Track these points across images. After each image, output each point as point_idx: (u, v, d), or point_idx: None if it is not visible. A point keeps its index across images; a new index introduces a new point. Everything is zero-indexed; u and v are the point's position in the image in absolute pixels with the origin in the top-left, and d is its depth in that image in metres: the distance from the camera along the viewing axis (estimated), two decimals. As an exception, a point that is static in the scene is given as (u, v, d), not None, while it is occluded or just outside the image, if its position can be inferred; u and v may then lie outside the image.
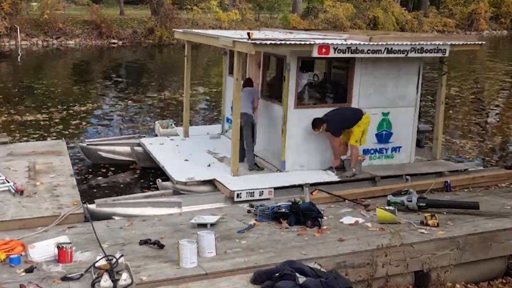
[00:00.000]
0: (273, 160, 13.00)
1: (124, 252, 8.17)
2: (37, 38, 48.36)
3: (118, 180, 14.33)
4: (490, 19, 78.51)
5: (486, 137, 20.23)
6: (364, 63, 12.70)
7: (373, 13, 64.58)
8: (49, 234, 9.09)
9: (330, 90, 13.44)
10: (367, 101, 12.90)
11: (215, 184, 11.91)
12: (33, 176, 11.96)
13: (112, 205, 10.94)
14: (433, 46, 12.51)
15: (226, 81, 15.87)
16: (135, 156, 14.78)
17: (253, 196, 11.30)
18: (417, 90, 13.32)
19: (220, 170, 12.55)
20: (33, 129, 19.36)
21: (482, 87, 33.13)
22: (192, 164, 13.02)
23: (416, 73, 13.23)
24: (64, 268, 7.75)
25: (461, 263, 9.22)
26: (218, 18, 56.17)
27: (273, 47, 11.48)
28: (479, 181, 12.62)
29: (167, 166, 12.84)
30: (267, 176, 12.31)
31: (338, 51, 11.70)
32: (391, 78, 13.02)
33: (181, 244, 7.86)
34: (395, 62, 12.87)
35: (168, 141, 15.08)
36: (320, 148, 12.69)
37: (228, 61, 15.59)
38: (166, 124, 16.12)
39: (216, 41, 12.92)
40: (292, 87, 12.20)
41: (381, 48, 12.04)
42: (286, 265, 7.54)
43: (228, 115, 15.39)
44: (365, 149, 13.07)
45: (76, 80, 31.09)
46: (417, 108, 13.44)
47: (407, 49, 12.26)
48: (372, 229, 9.54)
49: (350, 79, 12.81)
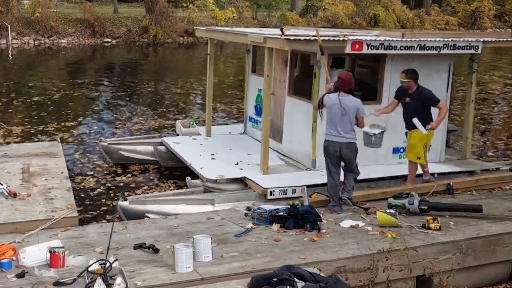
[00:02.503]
0: (302, 158, 13.11)
1: (118, 256, 8.17)
2: (29, 37, 48.44)
3: (140, 180, 14.45)
4: (494, 17, 78.67)
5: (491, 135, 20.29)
6: (394, 60, 12.80)
7: (374, 11, 64.68)
8: (41, 238, 9.09)
9: (357, 88, 13.52)
10: None
11: (246, 182, 12.03)
12: (27, 179, 11.95)
13: (144, 203, 11.02)
14: (466, 43, 12.57)
15: (249, 79, 15.93)
16: (158, 155, 14.91)
17: (286, 194, 11.37)
18: (448, 88, 13.43)
19: (249, 168, 12.67)
20: (26, 130, 19.36)
21: (487, 88, 33.13)
22: (219, 163, 13.13)
23: (447, 71, 13.35)
24: (57, 273, 7.74)
25: (464, 267, 9.22)
26: (214, 16, 56.28)
27: (307, 43, 11.54)
28: (482, 183, 12.63)
29: (195, 164, 12.92)
30: (298, 174, 12.42)
31: (371, 47, 11.75)
32: (422, 76, 13.02)
33: (176, 248, 7.86)
34: (426, 60, 12.96)
35: (191, 140, 15.19)
36: None
37: (251, 59, 15.68)
38: (188, 123, 16.25)
39: (244, 37, 12.99)
40: (323, 85, 12.28)
41: (414, 44, 12.09)
42: (285, 269, 7.54)
43: (251, 114, 15.57)
44: (395, 148, 13.20)
45: (68, 80, 31.09)
46: (448, 107, 13.49)
47: (440, 46, 12.32)
48: (373, 232, 9.55)
49: (380, 77, 12.94)
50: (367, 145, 12.08)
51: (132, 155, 15.19)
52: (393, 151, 13.35)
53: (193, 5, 56.17)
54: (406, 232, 9.52)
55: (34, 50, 45.41)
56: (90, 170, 15.20)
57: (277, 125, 14.13)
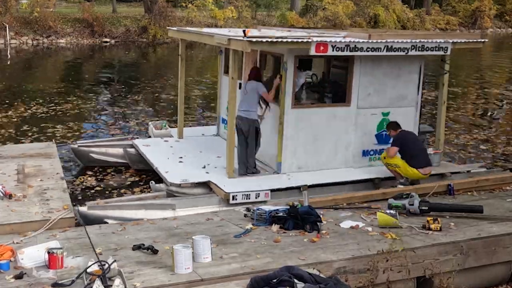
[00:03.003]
0: (269, 161, 13.01)
1: (116, 257, 8.16)
2: (27, 37, 48.38)
3: (110, 183, 14.28)
4: (495, 17, 78.75)
5: (491, 139, 20.27)
6: (363, 62, 12.70)
7: (374, 11, 64.68)
8: (39, 239, 9.09)
9: (328, 90, 13.46)
10: (367, 101, 12.93)
11: (210, 186, 11.91)
12: (22, 179, 11.94)
13: (104, 208, 10.92)
14: (434, 44, 12.51)
15: (221, 80, 15.86)
16: (128, 158, 14.75)
17: (249, 199, 11.30)
18: (418, 89, 13.34)
19: (215, 172, 12.55)
20: (22, 131, 19.35)
21: (486, 88, 33.15)
22: (186, 166, 13.02)
23: (417, 72, 13.25)
24: (55, 274, 7.73)
25: (465, 268, 9.22)
26: (213, 16, 56.27)
27: (269, 45, 11.46)
28: (483, 184, 12.61)
29: (161, 168, 12.82)
30: (263, 178, 12.30)
31: (336, 49, 11.69)
32: (391, 78, 13.04)
33: (175, 249, 7.85)
34: (395, 61, 12.88)
35: (162, 143, 15.06)
36: (317, 149, 12.71)
37: (223, 60, 15.57)
38: (160, 125, 16.07)
39: (211, 39, 12.92)
40: (289, 87, 12.22)
41: (381, 46, 12.02)
42: (284, 270, 7.54)
43: (224, 115, 15.38)
44: (365, 150, 13.14)
45: (66, 80, 31.09)
46: (418, 108, 13.45)
47: (407, 47, 12.26)
48: (373, 233, 9.54)
49: (349, 79, 12.80)
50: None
51: (103, 158, 15.04)
52: (363, 153, 13.30)
53: (192, 5, 56.13)
54: (406, 233, 9.52)
55: (32, 50, 45.38)
56: (85, 171, 15.11)
57: None
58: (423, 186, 12.09)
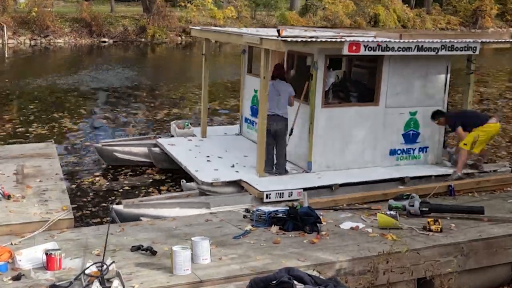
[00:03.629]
0: (298, 160, 13.10)
1: (115, 258, 8.16)
2: (25, 37, 48.34)
3: (135, 182, 14.41)
4: (496, 16, 78.59)
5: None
6: (392, 61, 12.83)
7: (374, 11, 64.68)
8: (37, 240, 9.09)
9: (353, 89, 13.57)
10: (395, 100, 13.06)
11: (242, 185, 12.03)
12: (21, 180, 11.93)
13: (139, 206, 11.03)
14: (463, 44, 12.59)
15: (244, 80, 15.90)
16: (152, 157, 14.86)
17: (283, 197, 11.42)
18: (445, 89, 13.48)
19: (245, 171, 12.66)
20: (21, 131, 19.37)
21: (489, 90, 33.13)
22: (214, 165, 13.12)
23: (445, 72, 13.39)
24: (53, 275, 7.75)
25: (465, 270, 9.23)
26: (213, 15, 56.23)
27: (303, 44, 11.53)
28: (484, 185, 12.61)
29: (190, 167, 12.90)
30: (294, 177, 12.42)
31: (368, 48, 11.79)
32: (419, 77, 13.19)
33: (174, 251, 7.86)
34: (424, 61, 13.00)
35: (186, 142, 15.15)
36: (345, 148, 12.84)
37: (247, 60, 15.66)
38: (183, 124, 16.17)
39: (239, 38, 12.99)
40: (320, 86, 12.32)
41: (412, 45, 12.12)
42: (284, 272, 7.54)
43: (247, 115, 15.59)
44: (392, 150, 13.29)
45: (64, 80, 31.04)
46: (445, 108, 13.57)
47: (438, 47, 12.35)
48: (373, 234, 9.55)
49: (378, 78, 12.93)
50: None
51: (126, 157, 15.15)
52: (390, 153, 13.39)
53: (191, 4, 56.11)
54: (407, 234, 9.53)
55: (30, 50, 45.36)
56: (85, 171, 15.18)
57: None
58: (424, 187, 12.10)
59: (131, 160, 15.21)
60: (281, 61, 13.77)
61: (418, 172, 12.98)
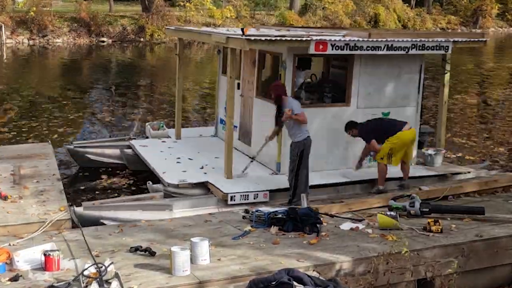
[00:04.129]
0: (269, 162, 12.99)
1: (114, 259, 8.16)
2: (23, 36, 48.32)
3: (107, 184, 14.27)
4: (496, 16, 78.69)
5: (493, 139, 20.26)
6: (363, 61, 12.71)
7: (374, 10, 64.71)
8: (35, 241, 9.08)
9: (328, 90, 13.44)
10: (367, 101, 12.94)
11: (208, 187, 11.90)
12: (18, 181, 11.93)
13: (100, 208, 10.91)
14: (435, 43, 12.53)
15: (219, 80, 15.83)
16: (125, 158, 14.71)
17: (248, 199, 11.31)
18: (419, 89, 13.35)
19: (213, 172, 12.54)
20: (18, 132, 19.35)
21: (488, 89, 33.15)
22: (184, 167, 13.00)
23: (418, 72, 13.27)
24: (51, 276, 7.74)
25: (466, 270, 9.23)
26: (211, 15, 56.23)
27: (268, 43, 11.44)
28: (492, 185, 12.54)
29: (158, 168, 12.81)
30: (262, 179, 12.29)
31: (336, 47, 11.68)
32: (392, 77, 13.05)
33: (173, 252, 7.85)
34: (396, 60, 12.88)
35: (160, 143, 15.05)
36: (316, 149, 12.68)
37: (221, 60, 15.56)
38: (157, 125, 16.09)
39: (209, 37, 12.94)
40: (288, 86, 12.20)
41: (381, 44, 12.03)
42: (283, 273, 7.53)
43: (222, 116, 15.38)
44: None
45: (62, 80, 31.08)
46: (419, 108, 13.46)
47: (408, 46, 12.26)
48: (373, 235, 9.54)
49: (348, 78, 12.81)
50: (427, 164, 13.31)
51: (99, 159, 14.98)
52: None
53: (190, 4, 56.08)
54: (407, 235, 9.51)
55: (28, 49, 45.35)
56: (82, 172, 15.12)
57: (245, 127, 14.04)
58: (434, 189, 12.05)
59: (103, 162, 15.03)
60: (253, 61, 13.65)
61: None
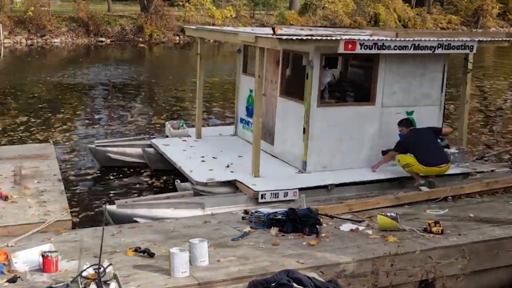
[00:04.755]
0: (293, 160, 13.08)
1: (112, 260, 8.15)
2: (21, 36, 48.36)
3: (130, 182, 14.40)
4: (497, 16, 78.65)
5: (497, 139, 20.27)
6: (388, 60, 12.82)
7: (374, 10, 64.74)
8: (33, 241, 9.07)
9: (350, 89, 13.55)
10: (391, 100, 13.04)
11: (237, 185, 12.00)
12: (18, 181, 11.92)
13: (133, 206, 10.99)
14: (460, 43, 12.63)
15: (239, 80, 15.88)
16: (147, 157, 14.79)
17: (278, 197, 11.40)
18: (442, 88, 13.49)
19: (239, 171, 12.62)
20: (19, 132, 19.35)
21: (492, 90, 33.14)
22: (209, 165, 13.08)
23: (441, 71, 13.39)
24: (49, 277, 7.73)
25: (467, 272, 9.21)
26: (211, 15, 56.26)
27: (299, 43, 11.53)
28: (493, 186, 12.43)
29: (185, 167, 12.87)
30: (290, 177, 12.39)
31: (364, 47, 11.79)
32: (416, 76, 13.19)
33: (172, 253, 7.85)
34: (420, 59, 13.01)
35: (181, 142, 15.12)
36: (342, 148, 12.82)
37: (242, 59, 15.65)
38: (177, 124, 16.11)
39: (235, 37, 12.99)
40: (315, 85, 12.30)
41: (408, 44, 12.14)
42: (283, 274, 7.53)
43: (242, 115, 15.53)
44: (388, 149, 13.08)
45: (61, 80, 31.05)
46: (442, 107, 13.58)
47: (434, 46, 12.37)
48: (373, 236, 9.53)
49: (374, 77, 12.93)
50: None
51: (121, 158, 15.07)
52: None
53: (189, 3, 56.10)
54: (408, 236, 9.51)
55: (26, 49, 45.37)
56: (83, 172, 15.15)
57: (268, 126, 14.05)
58: (438, 190, 11.98)
59: (125, 161, 15.13)
60: (277, 60, 13.73)
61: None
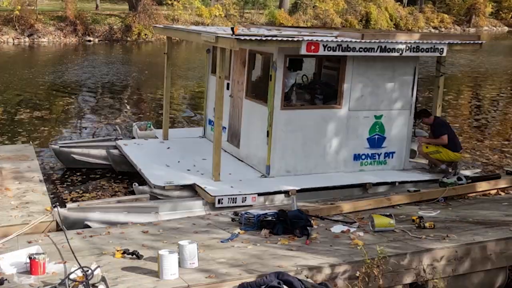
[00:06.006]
0: (258, 164, 12.99)
1: (100, 263, 8.14)
2: (8, 36, 48.20)
3: (92, 185, 14.21)
4: (490, 15, 78.94)
5: (486, 140, 20.31)
6: (356, 62, 12.69)
7: (366, 9, 64.83)
8: (20, 243, 9.06)
9: (319, 91, 13.43)
10: (359, 103, 12.93)
11: (196, 189, 11.88)
12: (0, 182, 11.90)
13: (84, 210, 10.85)
14: (429, 45, 12.52)
15: (209, 80, 15.81)
16: (111, 159, 14.64)
17: (236, 202, 11.28)
18: (413, 92, 13.35)
19: (201, 175, 12.52)
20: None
21: (481, 90, 33.24)
22: (171, 168, 12.97)
23: (412, 74, 13.25)
24: (37, 280, 7.72)
25: (459, 274, 9.25)
26: (200, 14, 56.24)
27: (258, 43, 11.43)
28: (485, 188, 12.51)
29: (144, 170, 12.77)
30: (251, 181, 12.29)
31: (328, 48, 11.65)
32: (385, 79, 13.04)
33: (161, 255, 7.84)
34: (389, 62, 12.89)
35: (147, 144, 15.01)
36: (307, 152, 12.71)
37: (211, 59, 15.53)
38: (145, 126, 16.02)
39: (198, 37, 12.91)
40: (279, 87, 12.19)
41: (374, 46, 12.01)
42: (273, 276, 7.55)
43: (210, 116, 15.33)
44: (356, 154, 13.11)
45: (47, 80, 30.95)
46: (412, 111, 13.47)
47: (402, 48, 12.26)
48: (364, 238, 9.56)
49: (340, 80, 12.78)
50: None
51: (84, 159, 14.88)
52: (354, 158, 13.27)
53: (178, 3, 56.06)
54: (400, 238, 9.54)
55: (13, 49, 45.23)
56: (65, 173, 15.03)
57: (234, 129, 14.02)
58: (432, 191, 12.07)
59: (89, 163, 14.95)
60: (243, 61, 13.63)
61: (380, 178, 12.85)
